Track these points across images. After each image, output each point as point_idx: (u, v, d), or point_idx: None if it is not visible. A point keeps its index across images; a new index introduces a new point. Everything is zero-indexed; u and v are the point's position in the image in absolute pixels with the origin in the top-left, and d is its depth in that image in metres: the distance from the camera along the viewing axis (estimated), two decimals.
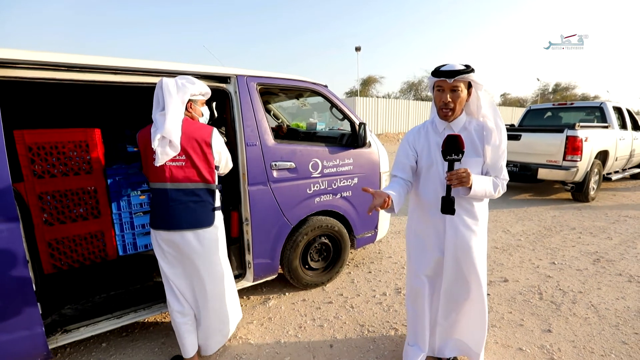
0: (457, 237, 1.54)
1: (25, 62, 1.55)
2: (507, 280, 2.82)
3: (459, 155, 1.37)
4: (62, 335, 1.80)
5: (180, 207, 1.64)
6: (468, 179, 1.38)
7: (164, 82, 1.62)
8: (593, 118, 6.22)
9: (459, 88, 1.44)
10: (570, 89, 41.14)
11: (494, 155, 1.49)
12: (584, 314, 2.32)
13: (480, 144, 1.50)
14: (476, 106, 1.52)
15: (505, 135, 1.50)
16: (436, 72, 1.45)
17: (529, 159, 5.36)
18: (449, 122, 1.53)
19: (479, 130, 1.51)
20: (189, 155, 1.64)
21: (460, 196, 1.51)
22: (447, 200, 1.40)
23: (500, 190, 1.52)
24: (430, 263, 1.64)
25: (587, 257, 3.28)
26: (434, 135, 1.58)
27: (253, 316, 2.38)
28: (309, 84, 2.63)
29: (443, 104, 1.47)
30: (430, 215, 1.59)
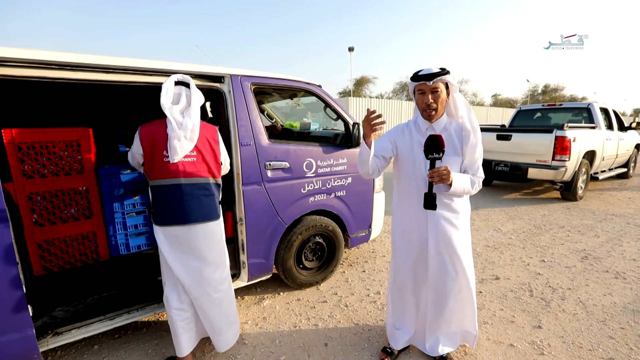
0: (439, 231, 1.63)
1: (15, 59, 1.53)
2: (498, 278, 2.87)
3: (439, 154, 1.46)
4: (53, 337, 1.77)
5: (194, 202, 1.70)
6: (448, 177, 1.47)
7: (192, 81, 1.74)
8: (581, 119, 6.36)
9: (439, 89, 1.54)
10: (559, 90, 42.00)
11: (472, 155, 1.59)
12: (573, 310, 2.38)
13: (459, 143, 1.60)
14: (454, 107, 1.61)
15: (480, 135, 1.61)
16: (416, 76, 1.56)
17: (519, 159, 5.45)
18: (432, 123, 1.62)
19: (458, 130, 1.61)
20: (200, 151, 1.72)
21: (441, 192, 1.60)
22: (429, 196, 1.49)
23: (477, 187, 1.62)
24: (414, 256, 1.73)
25: (575, 254, 3.36)
26: (416, 135, 1.66)
27: (247, 316, 2.37)
28: (303, 84, 2.63)
29: (426, 106, 1.56)
30: (413, 211, 1.69)
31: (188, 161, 1.69)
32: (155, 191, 1.70)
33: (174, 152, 1.64)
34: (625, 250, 3.41)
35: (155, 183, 1.69)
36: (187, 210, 1.69)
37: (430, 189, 1.50)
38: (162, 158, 1.65)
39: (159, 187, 1.68)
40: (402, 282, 1.82)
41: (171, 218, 1.68)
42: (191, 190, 1.70)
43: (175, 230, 1.70)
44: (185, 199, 1.68)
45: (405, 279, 1.80)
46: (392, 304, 1.93)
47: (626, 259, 3.21)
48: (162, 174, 1.66)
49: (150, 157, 1.67)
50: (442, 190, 1.59)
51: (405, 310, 1.87)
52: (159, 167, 1.66)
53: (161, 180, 1.67)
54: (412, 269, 1.76)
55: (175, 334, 1.79)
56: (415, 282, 1.79)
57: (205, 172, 1.75)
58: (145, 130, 1.68)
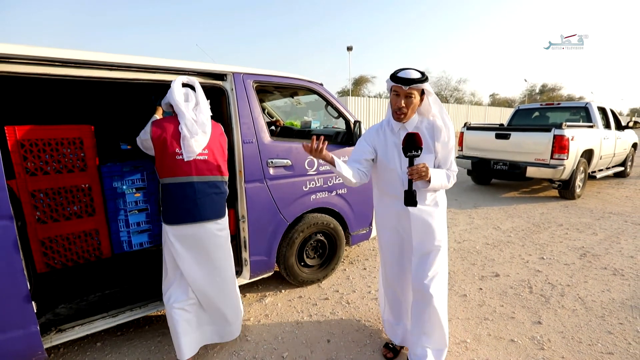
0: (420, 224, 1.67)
1: (18, 56, 1.53)
2: (498, 275, 2.90)
3: (418, 151, 1.48)
4: (56, 334, 1.78)
5: (206, 199, 1.72)
6: (427, 173, 1.50)
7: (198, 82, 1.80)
8: (579, 118, 6.40)
9: (413, 95, 1.56)
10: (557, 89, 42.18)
11: (444, 151, 1.63)
12: (572, 306, 2.40)
13: (431, 141, 1.63)
14: (427, 110, 1.65)
15: (453, 131, 1.64)
16: (393, 77, 1.56)
17: (517, 158, 5.48)
18: (403, 123, 1.65)
19: (429, 129, 1.64)
20: (212, 148, 1.76)
21: (420, 189, 1.63)
22: (409, 193, 1.50)
23: (452, 180, 1.67)
24: (399, 251, 1.79)
25: (574, 252, 3.39)
26: (390, 135, 1.70)
27: (250, 313, 2.38)
28: (304, 82, 2.65)
29: (397, 108, 1.58)
30: (394, 208, 1.72)
31: (200, 159, 1.71)
32: (167, 189, 1.69)
33: (190, 150, 1.67)
34: (623, 248, 3.45)
35: (167, 181, 1.68)
36: (200, 208, 1.70)
37: (410, 186, 1.52)
38: (174, 156, 1.66)
39: (170, 185, 1.68)
40: (392, 278, 1.86)
41: (184, 217, 1.69)
42: (204, 188, 1.71)
43: (187, 228, 1.70)
44: (198, 197, 1.69)
45: (394, 273, 1.84)
46: (386, 299, 1.96)
47: (624, 256, 3.24)
48: (174, 171, 1.67)
49: (162, 154, 1.67)
50: (421, 187, 1.62)
51: (400, 304, 1.89)
52: (171, 164, 1.66)
53: (174, 178, 1.67)
54: (398, 263, 1.81)
55: (175, 335, 1.78)
56: (404, 275, 1.82)
57: (216, 170, 1.78)
58: (157, 127, 1.69)
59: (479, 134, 6.15)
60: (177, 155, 1.66)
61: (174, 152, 1.66)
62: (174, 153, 1.66)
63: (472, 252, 3.42)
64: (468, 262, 3.20)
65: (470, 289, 2.67)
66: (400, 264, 1.81)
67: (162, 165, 1.68)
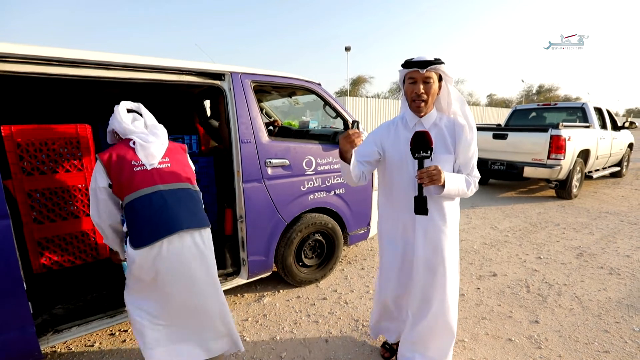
0: (427, 239, 1.50)
1: (14, 55, 1.52)
2: (496, 275, 2.91)
3: (427, 152, 1.32)
4: (53, 335, 1.76)
5: (181, 206, 1.53)
6: (439, 177, 1.32)
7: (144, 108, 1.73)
8: (575, 118, 6.44)
9: (431, 79, 1.40)
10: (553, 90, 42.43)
11: (466, 153, 1.45)
12: (569, 305, 2.41)
13: (451, 140, 1.46)
14: (447, 102, 1.49)
15: (476, 132, 1.47)
16: (408, 63, 1.41)
17: (515, 158, 5.51)
18: (420, 118, 1.48)
19: (449, 126, 1.47)
20: (172, 159, 1.64)
21: (432, 195, 1.45)
22: (420, 200, 1.33)
23: (473, 189, 1.48)
24: (398, 265, 1.61)
25: (570, 251, 3.41)
26: (404, 131, 1.52)
27: (248, 313, 2.38)
28: (303, 82, 2.64)
29: (416, 95, 1.42)
30: (399, 215, 1.56)
31: (163, 167, 1.57)
32: (132, 208, 1.46)
33: (150, 155, 1.54)
34: (619, 247, 3.47)
35: (131, 198, 1.47)
36: (176, 217, 1.49)
37: (421, 192, 1.34)
38: (132, 168, 1.50)
39: (135, 201, 1.46)
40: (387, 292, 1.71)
41: (161, 229, 1.45)
42: (174, 194, 1.54)
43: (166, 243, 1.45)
44: (169, 205, 1.50)
45: (390, 288, 1.68)
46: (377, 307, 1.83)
47: (620, 256, 3.26)
48: (136, 185, 1.48)
49: (119, 173, 1.48)
50: (433, 193, 1.44)
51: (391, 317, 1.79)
52: (131, 178, 1.48)
53: (137, 192, 1.47)
54: (396, 278, 1.64)
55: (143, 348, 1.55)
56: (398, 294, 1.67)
57: (184, 179, 1.62)
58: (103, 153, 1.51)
59: (477, 134, 6.16)
60: (136, 167, 1.50)
61: (131, 165, 1.50)
62: (131, 166, 1.50)
63: (469, 252, 3.43)
64: (466, 261, 3.21)
65: (468, 289, 2.68)
66: (398, 280, 1.64)
67: (120, 184, 1.48)
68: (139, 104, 1.72)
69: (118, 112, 1.62)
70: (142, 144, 1.55)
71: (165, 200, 1.50)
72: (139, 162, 1.53)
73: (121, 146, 1.56)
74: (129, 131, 1.59)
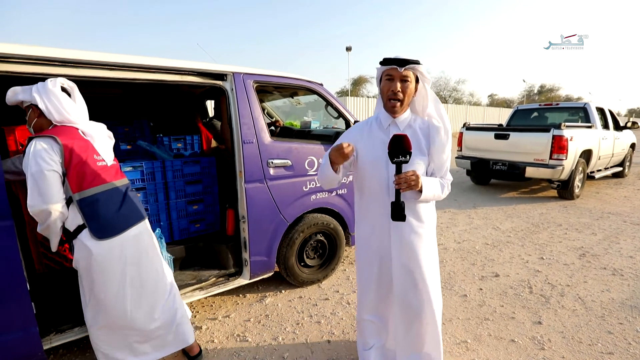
0: (403, 242, 1.46)
1: (16, 56, 1.52)
2: (498, 275, 2.90)
3: (406, 156, 1.27)
4: (56, 335, 1.77)
5: (132, 201, 1.66)
6: (417, 183, 1.30)
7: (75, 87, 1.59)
8: (577, 118, 6.41)
9: (409, 78, 1.37)
10: (555, 90, 42.30)
11: (440, 155, 1.43)
12: (572, 306, 2.40)
13: (425, 142, 1.43)
14: (422, 106, 1.47)
15: (451, 134, 1.44)
16: (387, 60, 1.38)
17: (517, 158, 5.49)
18: (395, 118, 1.45)
19: (424, 128, 1.45)
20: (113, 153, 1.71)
21: (409, 200, 1.42)
22: (397, 205, 1.29)
23: (446, 191, 1.47)
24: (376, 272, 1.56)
25: (573, 252, 3.40)
26: (378, 132, 1.48)
27: (250, 314, 2.38)
28: (304, 82, 2.64)
29: (392, 94, 1.38)
30: (374, 219, 1.51)
31: (113, 164, 1.66)
32: (95, 201, 1.50)
33: (109, 153, 1.63)
34: (622, 248, 3.46)
35: (94, 192, 1.50)
36: (130, 212, 1.62)
37: (398, 198, 1.30)
38: (95, 162, 1.52)
39: (99, 195, 1.52)
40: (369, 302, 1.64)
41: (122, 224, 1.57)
42: (125, 191, 1.65)
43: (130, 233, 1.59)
44: (125, 201, 1.62)
45: (371, 297, 1.62)
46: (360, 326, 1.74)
47: (623, 256, 3.25)
48: (100, 179, 1.54)
49: (81, 164, 1.47)
50: (410, 198, 1.41)
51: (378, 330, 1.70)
52: (93, 173, 1.51)
53: (101, 187, 1.53)
54: (376, 285, 1.58)
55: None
56: (381, 300, 1.61)
57: (123, 175, 1.72)
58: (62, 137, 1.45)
59: (478, 134, 6.16)
60: (99, 162, 1.55)
61: (93, 158, 1.53)
62: (94, 160, 1.53)
63: (471, 252, 3.42)
64: (468, 262, 3.20)
65: (471, 289, 2.68)
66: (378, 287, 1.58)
67: (83, 176, 1.48)
68: (74, 84, 1.59)
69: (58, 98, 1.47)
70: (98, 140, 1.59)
71: (123, 196, 1.62)
72: (99, 157, 1.57)
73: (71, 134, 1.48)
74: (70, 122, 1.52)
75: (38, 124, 1.53)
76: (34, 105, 1.49)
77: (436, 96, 1.48)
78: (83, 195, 1.48)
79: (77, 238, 1.50)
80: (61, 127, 1.50)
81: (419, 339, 1.55)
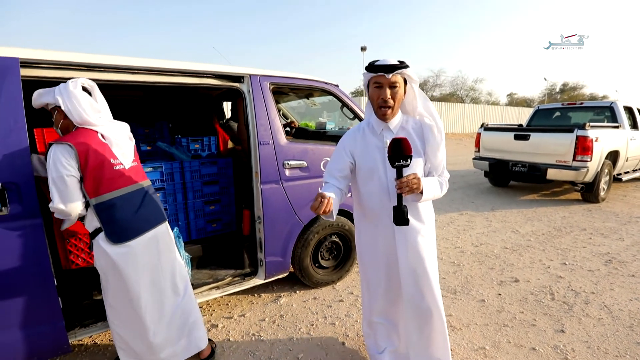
0: (408, 246, 1.46)
1: (45, 61, 1.59)
2: (518, 280, 2.81)
3: (407, 160, 1.26)
4: (80, 329, 1.84)
5: (153, 202, 1.69)
6: (419, 185, 1.31)
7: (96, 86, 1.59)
8: (603, 118, 6.16)
9: (398, 84, 1.36)
10: (578, 88, 40.67)
11: (436, 154, 1.43)
12: (597, 315, 2.31)
13: (420, 142, 1.44)
14: (412, 106, 1.47)
15: (444, 131, 1.44)
16: (373, 66, 1.36)
17: (537, 159, 5.32)
18: (387, 122, 1.44)
19: (417, 128, 1.46)
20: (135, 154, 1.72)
21: (410, 202, 1.42)
22: (399, 210, 1.28)
23: (445, 189, 1.47)
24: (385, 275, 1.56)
25: (598, 258, 3.26)
26: (372, 137, 1.47)
27: (265, 313, 2.40)
28: (320, 84, 2.65)
29: (382, 101, 1.37)
30: (377, 225, 1.50)
31: (134, 165, 1.67)
32: (112, 206, 1.52)
33: (128, 156, 1.62)
34: None
35: (111, 196, 1.52)
36: (149, 215, 1.64)
37: (400, 202, 1.29)
38: (111, 167, 1.53)
39: (116, 199, 1.53)
40: (378, 306, 1.64)
41: (139, 228, 1.58)
42: (144, 194, 1.67)
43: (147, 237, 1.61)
44: (143, 205, 1.63)
45: (380, 301, 1.62)
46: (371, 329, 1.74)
47: None
48: (118, 184, 1.55)
49: (99, 169, 1.48)
50: (411, 201, 1.41)
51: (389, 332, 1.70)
52: (111, 177, 1.53)
53: (119, 191, 1.55)
54: (385, 289, 1.58)
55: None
56: (389, 304, 1.62)
57: (145, 176, 1.73)
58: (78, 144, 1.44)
59: (497, 134, 6.01)
60: (116, 166, 1.55)
61: (110, 162, 1.53)
62: (111, 164, 1.53)
63: (490, 256, 3.34)
64: (486, 266, 3.12)
65: (489, 294, 2.61)
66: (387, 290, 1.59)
67: (100, 181, 1.49)
68: (94, 83, 1.59)
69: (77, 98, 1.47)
70: (119, 144, 1.59)
71: (143, 198, 1.64)
72: (117, 160, 1.56)
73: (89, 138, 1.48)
74: (90, 124, 1.51)
75: (64, 125, 1.57)
76: (59, 107, 1.53)
77: (425, 94, 1.47)
78: (99, 200, 1.50)
79: (95, 239, 1.55)
80: (81, 130, 1.52)
81: (430, 344, 1.55)
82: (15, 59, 1.47)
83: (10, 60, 1.46)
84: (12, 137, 1.45)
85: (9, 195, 1.46)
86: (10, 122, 1.45)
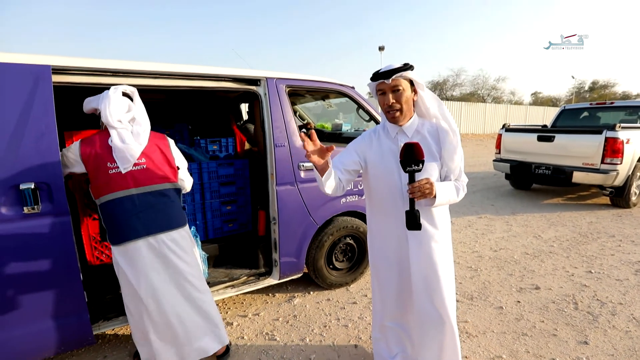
0: (420, 251, 1.45)
1: (74, 68, 1.68)
2: (538, 288, 2.72)
3: (419, 165, 1.26)
4: (103, 322, 1.93)
5: (150, 211, 1.62)
6: (432, 190, 1.29)
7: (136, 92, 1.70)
8: (636, 118, 5.83)
9: (400, 87, 1.37)
10: (609, 86, 38.61)
11: (451, 159, 1.41)
12: (625, 327, 2.19)
13: (436, 146, 1.43)
14: (425, 108, 1.46)
15: (459, 135, 1.42)
16: (373, 75, 1.41)
17: (562, 162, 5.11)
18: (401, 126, 1.44)
19: (432, 132, 1.45)
20: (149, 157, 1.66)
21: (423, 207, 1.40)
22: (412, 215, 1.28)
23: (462, 194, 1.44)
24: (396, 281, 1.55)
25: (628, 266, 3.09)
26: (386, 141, 1.48)
27: (278, 313, 2.43)
28: (336, 86, 2.65)
29: (388, 107, 1.39)
30: (390, 228, 1.50)
31: (138, 169, 1.61)
32: (105, 209, 1.58)
33: (125, 160, 1.57)
34: None
35: (104, 199, 1.57)
36: (145, 221, 1.59)
37: (412, 207, 1.28)
38: (107, 171, 1.56)
39: (108, 203, 1.57)
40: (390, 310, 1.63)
41: (129, 233, 1.56)
42: (146, 199, 1.61)
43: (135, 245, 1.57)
44: (140, 210, 1.59)
45: (392, 306, 1.61)
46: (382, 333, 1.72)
47: None
48: (110, 187, 1.56)
49: (95, 172, 1.57)
50: (424, 205, 1.39)
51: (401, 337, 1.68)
52: (106, 180, 1.56)
53: (110, 195, 1.56)
54: (396, 294, 1.57)
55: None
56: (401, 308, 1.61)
57: (158, 179, 1.66)
58: (85, 144, 1.58)
59: (519, 135, 5.81)
60: (111, 170, 1.56)
61: (106, 166, 1.56)
62: (106, 168, 1.56)
63: (509, 262, 3.24)
64: (505, 272, 3.03)
65: (507, 301, 2.53)
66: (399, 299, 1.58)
67: (97, 184, 1.58)
68: (134, 89, 1.70)
69: (110, 102, 1.57)
70: (119, 146, 1.56)
71: (135, 205, 1.59)
72: (114, 164, 1.58)
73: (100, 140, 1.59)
74: (112, 126, 1.59)
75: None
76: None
77: (437, 97, 1.47)
78: (100, 201, 1.60)
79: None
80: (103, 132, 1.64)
81: (440, 353, 1.53)
82: (47, 67, 1.56)
83: (43, 68, 1.55)
84: (44, 140, 1.54)
85: (40, 195, 1.55)
86: (42, 127, 1.54)
